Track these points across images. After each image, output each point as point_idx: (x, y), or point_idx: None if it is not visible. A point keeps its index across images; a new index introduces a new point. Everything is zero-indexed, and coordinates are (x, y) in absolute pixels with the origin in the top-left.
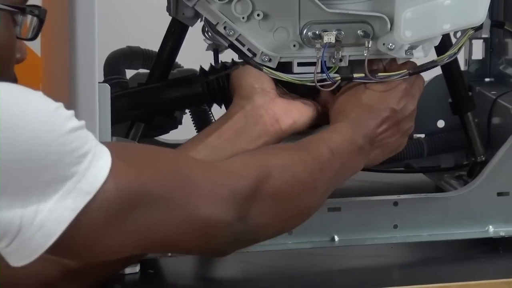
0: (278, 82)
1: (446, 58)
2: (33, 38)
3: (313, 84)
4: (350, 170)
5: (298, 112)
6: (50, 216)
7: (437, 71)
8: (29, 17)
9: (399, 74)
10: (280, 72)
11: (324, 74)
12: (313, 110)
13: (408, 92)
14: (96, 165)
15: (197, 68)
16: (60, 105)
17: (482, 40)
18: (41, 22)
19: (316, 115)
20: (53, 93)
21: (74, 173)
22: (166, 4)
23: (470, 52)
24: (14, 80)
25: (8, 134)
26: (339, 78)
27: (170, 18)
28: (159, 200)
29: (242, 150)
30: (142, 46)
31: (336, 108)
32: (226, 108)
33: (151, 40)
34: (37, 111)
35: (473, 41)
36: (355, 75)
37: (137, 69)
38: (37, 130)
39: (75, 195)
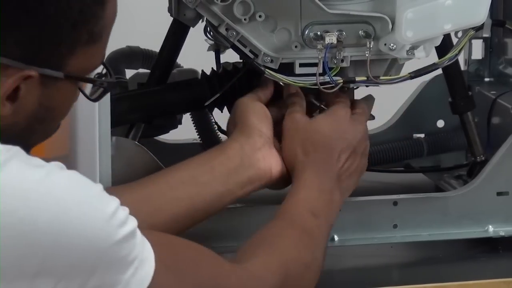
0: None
1: (446, 60)
2: (95, 100)
3: (315, 86)
4: (333, 215)
5: (283, 164)
6: None
7: (437, 71)
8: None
9: (401, 77)
10: (281, 74)
11: (326, 77)
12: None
13: (351, 117)
14: (140, 273)
15: (197, 68)
16: (117, 205)
17: (481, 40)
18: (105, 91)
19: None
20: None
21: (119, 281)
22: (167, 4)
23: (469, 52)
24: (57, 128)
25: (64, 238)
26: (341, 80)
27: (170, 18)
28: None
29: (229, 193)
30: (142, 46)
31: (286, 152)
32: (229, 111)
33: (151, 40)
34: (95, 218)
35: (473, 41)
36: (357, 78)
37: (137, 69)
38: (92, 237)
39: None
